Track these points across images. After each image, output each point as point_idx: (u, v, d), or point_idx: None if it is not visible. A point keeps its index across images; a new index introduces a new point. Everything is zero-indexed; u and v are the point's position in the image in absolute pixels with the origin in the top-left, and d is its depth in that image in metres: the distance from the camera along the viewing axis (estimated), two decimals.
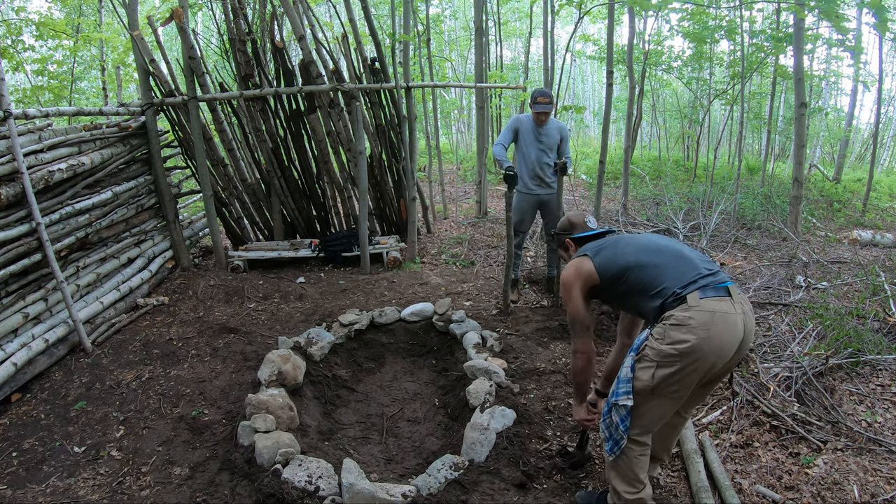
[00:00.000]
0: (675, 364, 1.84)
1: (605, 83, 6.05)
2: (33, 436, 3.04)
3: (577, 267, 2.16)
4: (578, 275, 2.14)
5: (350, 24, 5.48)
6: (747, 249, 6.00)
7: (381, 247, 5.69)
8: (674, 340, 1.83)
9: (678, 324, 1.84)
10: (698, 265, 1.96)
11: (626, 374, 1.96)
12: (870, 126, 13.79)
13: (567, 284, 2.17)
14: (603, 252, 2.13)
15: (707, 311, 1.82)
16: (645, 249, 2.05)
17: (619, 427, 1.97)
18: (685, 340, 1.81)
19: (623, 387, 1.96)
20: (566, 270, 2.21)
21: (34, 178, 3.64)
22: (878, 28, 4.16)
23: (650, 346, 1.91)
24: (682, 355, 1.82)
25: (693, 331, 1.81)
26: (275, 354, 3.32)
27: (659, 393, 1.91)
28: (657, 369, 1.87)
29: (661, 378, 1.87)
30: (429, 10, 7.65)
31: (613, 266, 2.07)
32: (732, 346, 1.86)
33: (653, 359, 1.89)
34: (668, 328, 1.86)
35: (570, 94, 18.09)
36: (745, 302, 1.94)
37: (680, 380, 1.87)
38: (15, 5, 8.07)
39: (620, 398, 1.95)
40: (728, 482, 2.37)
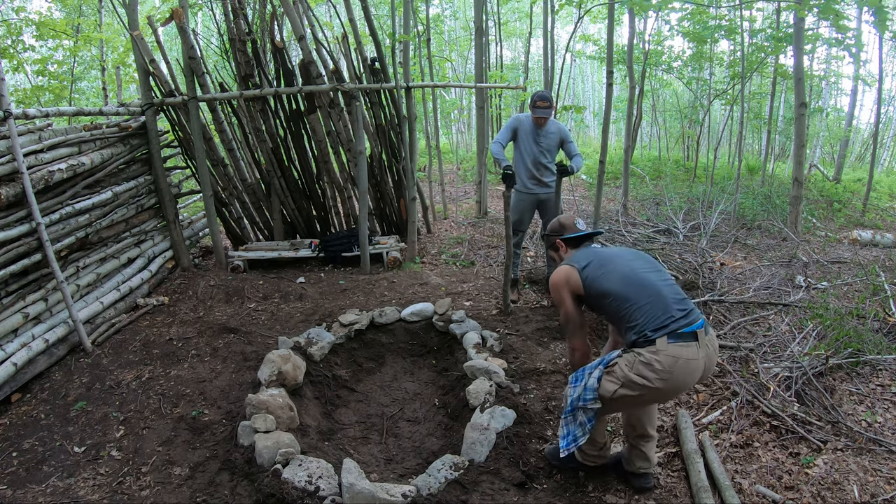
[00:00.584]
0: (636, 391, 2.11)
1: (605, 83, 6.04)
2: (33, 436, 3.04)
3: (566, 274, 2.34)
4: (567, 281, 2.33)
5: (350, 24, 5.48)
6: (747, 249, 6.00)
7: (381, 247, 5.69)
8: (640, 373, 2.09)
9: (646, 362, 2.08)
10: (671, 308, 2.13)
11: (592, 383, 2.19)
12: (870, 126, 13.79)
13: (556, 287, 2.36)
14: (590, 267, 2.31)
15: (672, 356, 2.05)
16: (628, 281, 2.21)
17: (584, 425, 2.23)
18: (648, 378, 2.08)
19: (591, 394, 2.19)
20: (557, 274, 2.38)
21: (34, 178, 3.64)
22: (878, 26, 4.16)
23: (620, 367, 2.15)
24: (644, 387, 2.09)
25: (657, 372, 2.06)
26: (275, 354, 3.32)
27: (617, 404, 2.20)
28: (620, 388, 2.13)
29: (621, 396, 2.15)
30: (429, 10, 7.65)
31: (597, 286, 2.26)
32: (689, 384, 2.17)
33: (619, 379, 2.14)
34: (636, 362, 2.10)
35: (570, 94, 18.09)
36: (710, 343, 2.17)
37: (635, 402, 2.22)
38: (15, 5, 8.06)
39: (589, 403, 2.19)
40: (728, 482, 2.37)
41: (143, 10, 9.85)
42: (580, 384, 2.24)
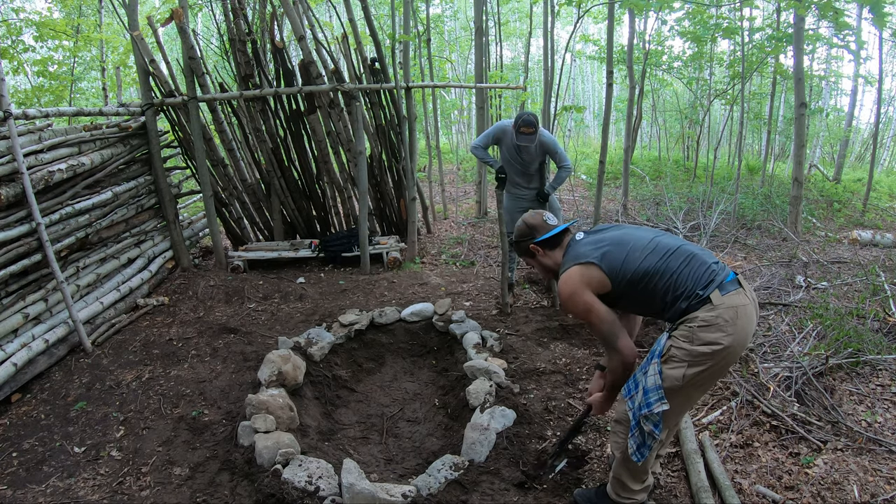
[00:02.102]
0: (707, 362, 1.87)
1: (605, 83, 6.04)
2: (33, 436, 3.04)
3: (582, 276, 2.00)
4: (587, 282, 2.00)
5: (350, 24, 5.48)
6: (747, 249, 6.00)
7: (381, 247, 5.69)
8: (705, 341, 1.85)
9: (707, 324, 1.86)
10: (708, 261, 1.95)
11: (654, 382, 1.93)
12: (870, 126, 13.79)
13: (573, 295, 2.01)
14: (610, 256, 2.00)
15: (731, 307, 1.86)
16: (658, 252, 1.98)
17: (653, 434, 1.95)
18: (717, 341, 1.85)
19: (654, 395, 1.92)
20: (568, 282, 2.02)
21: (34, 179, 3.64)
22: (876, 23, 4.15)
23: (678, 347, 1.91)
24: (715, 354, 1.85)
25: (723, 329, 1.84)
26: (275, 355, 3.32)
27: (687, 389, 1.93)
28: (688, 368, 1.89)
29: (692, 375, 1.89)
30: (429, 10, 7.65)
31: (630, 271, 1.97)
32: (751, 333, 1.92)
33: (683, 359, 1.89)
34: (695, 330, 1.87)
35: (570, 94, 18.10)
36: (750, 288, 1.98)
37: (710, 375, 1.92)
38: (15, 6, 8.07)
39: (654, 406, 1.91)
40: (728, 482, 2.37)
41: (144, 10, 9.85)
42: (638, 389, 1.99)
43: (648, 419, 1.94)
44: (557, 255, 2.18)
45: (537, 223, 2.21)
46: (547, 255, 2.21)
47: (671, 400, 1.92)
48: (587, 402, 2.40)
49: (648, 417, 1.94)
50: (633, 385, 2.03)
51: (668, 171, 10.57)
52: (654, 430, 1.94)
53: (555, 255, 2.19)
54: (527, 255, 2.27)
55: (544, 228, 2.20)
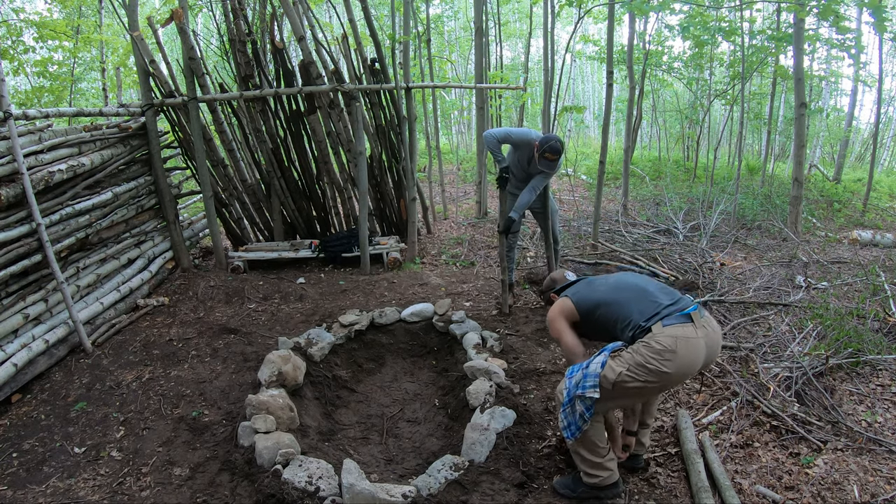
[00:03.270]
0: (643, 376, 2.11)
1: (606, 83, 6.05)
2: (34, 436, 3.04)
3: (560, 306, 2.46)
4: (561, 311, 2.44)
5: (350, 24, 5.49)
6: (747, 249, 6.00)
7: (381, 247, 5.69)
8: (646, 358, 2.11)
9: (647, 346, 2.12)
10: (658, 298, 2.24)
11: (594, 370, 2.19)
12: (870, 126, 13.79)
13: (552, 320, 2.47)
14: (579, 291, 2.47)
15: (671, 336, 2.09)
16: (614, 288, 2.37)
17: (584, 416, 2.20)
18: (655, 362, 2.09)
19: (591, 380, 2.18)
20: (551, 311, 2.50)
21: (34, 179, 3.64)
22: (877, 27, 4.15)
23: (628, 351, 2.18)
24: (651, 372, 2.10)
25: (661, 354, 2.08)
26: (275, 355, 3.32)
27: (619, 392, 2.16)
28: (627, 371, 2.14)
29: (626, 381, 2.13)
30: (429, 10, 7.65)
31: (588, 302, 2.38)
32: (696, 365, 2.14)
33: (626, 362, 2.15)
34: (640, 347, 2.14)
35: (570, 95, 18.10)
36: (708, 323, 2.21)
37: (640, 391, 2.17)
38: (15, 6, 8.07)
39: (587, 391, 2.17)
40: (728, 482, 2.37)
41: (144, 10, 9.86)
42: (578, 371, 2.25)
43: (582, 400, 2.20)
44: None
45: (559, 278, 2.78)
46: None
47: (608, 396, 2.18)
48: None
49: (582, 399, 2.20)
50: (576, 368, 2.29)
51: (668, 171, 10.57)
52: (585, 413, 2.19)
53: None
54: (549, 304, 2.72)
55: (563, 282, 2.73)
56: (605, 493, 2.36)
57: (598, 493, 2.35)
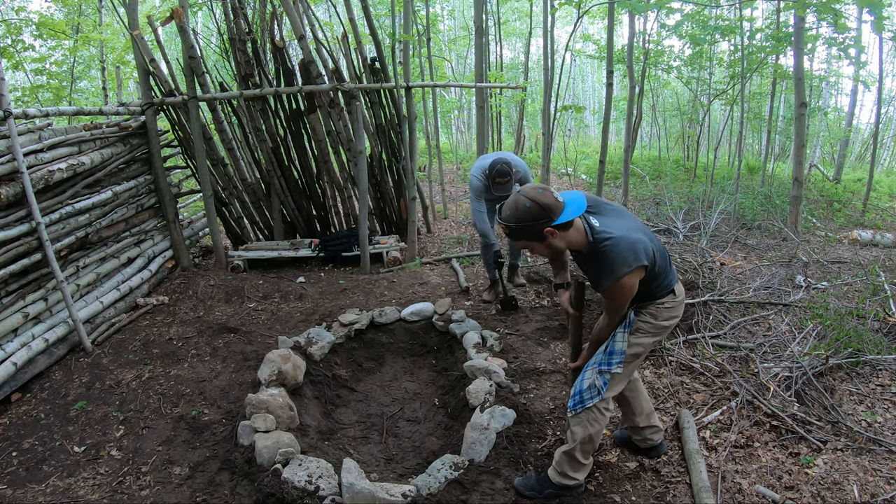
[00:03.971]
0: (661, 334, 2.27)
1: (605, 83, 6.05)
2: (33, 435, 3.04)
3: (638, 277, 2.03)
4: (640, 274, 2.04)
5: (350, 23, 5.48)
6: (747, 249, 6.00)
7: (381, 246, 5.68)
8: (667, 317, 2.23)
9: (670, 307, 2.23)
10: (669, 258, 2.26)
11: (621, 347, 2.22)
12: (870, 126, 13.79)
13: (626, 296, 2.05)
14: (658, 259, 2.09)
15: (681, 293, 2.28)
16: (662, 252, 2.19)
17: (600, 390, 2.22)
18: (674, 316, 2.26)
19: (617, 358, 2.22)
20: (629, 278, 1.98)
21: (34, 178, 3.64)
22: (875, 27, 4.15)
23: (645, 321, 2.22)
24: (668, 328, 2.27)
25: (677, 309, 2.26)
26: (275, 354, 3.32)
27: (639, 359, 2.27)
28: (651, 338, 2.23)
29: (650, 345, 2.25)
30: (429, 10, 7.65)
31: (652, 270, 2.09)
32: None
33: (649, 332, 2.22)
34: (661, 309, 2.22)
35: (569, 94, 18.09)
36: None
37: (656, 343, 2.33)
38: (15, 5, 8.07)
39: (613, 367, 2.21)
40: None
41: (143, 9, 9.84)
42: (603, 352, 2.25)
43: (602, 375, 2.22)
44: (572, 235, 2.04)
45: (551, 202, 1.97)
46: (560, 238, 2.03)
47: (630, 367, 2.25)
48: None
49: (602, 373, 2.22)
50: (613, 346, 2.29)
51: (668, 170, 10.57)
52: (602, 386, 2.22)
53: (569, 235, 2.03)
54: (535, 238, 2.04)
55: (560, 209, 1.98)
56: (570, 493, 2.36)
57: (564, 493, 2.35)
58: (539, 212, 1.97)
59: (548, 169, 7.16)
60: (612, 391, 2.24)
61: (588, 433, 2.24)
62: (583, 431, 2.24)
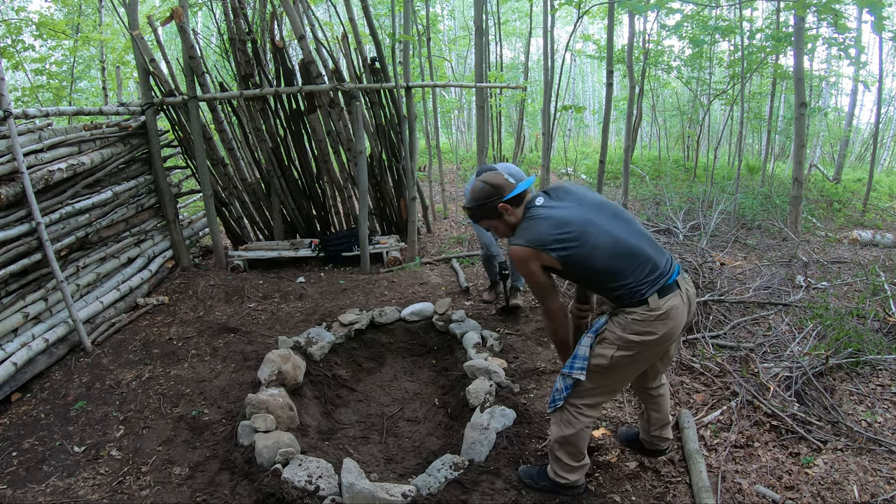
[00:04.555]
0: (634, 349, 2.06)
1: (605, 83, 6.04)
2: (33, 435, 3.04)
3: (537, 256, 2.05)
4: (537, 257, 2.06)
5: (350, 23, 5.48)
6: (747, 249, 6.00)
7: (381, 246, 5.68)
8: (636, 332, 2.03)
9: (641, 320, 2.02)
10: (659, 264, 2.06)
11: (584, 353, 2.13)
12: (870, 126, 13.79)
13: (524, 262, 2.08)
14: (567, 247, 2.02)
15: (666, 309, 2.02)
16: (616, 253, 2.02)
17: (562, 392, 2.19)
18: (648, 333, 2.03)
19: (579, 363, 2.14)
20: (520, 249, 2.07)
21: (34, 178, 3.64)
22: (875, 27, 4.14)
23: (611, 331, 2.09)
24: (643, 343, 2.04)
25: (654, 326, 2.02)
26: (275, 354, 3.32)
27: (617, 369, 2.11)
28: (617, 351, 2.07)
29: (619, 358, 2.07)
30: (429, 10, 7.65)
31: (582, 267, 2.05)
32: (682, 326, 2.11)
33: (614, 342, 2.07)
34: (630, 322, 2.04)
35: (570, 94, 18.09)
36: (688, 284, 2.15)
37: (633, 362, 2.11)
38: (15, 5, 8.07)
39: (574, 371, 2.14)
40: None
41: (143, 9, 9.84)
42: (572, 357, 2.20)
43: (565, 378, 2.18)
44: (520, 211, 2.19)
45: (501, 182, 2.17)
46: (513, 213, 2.19)
47: (600, 378, 2.14)
48: None
49: (565, 377, 2.17)
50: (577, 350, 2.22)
51: (668, 170, 10.57)
52: (564, 391, 2.18)
53: (518, 212, 2.19)
54: (492, 216, 2.20)
55: (509, 187, 2.17)
56: (567, 492, 2.36)
57: (560, 490, 2.36)
58: (490, 190, 2.18)
59: (548, 169, 7.16)
60: (581, 399, 2.17)
61: (562, 434, 2.22)
62: (557, 431, 2.25)
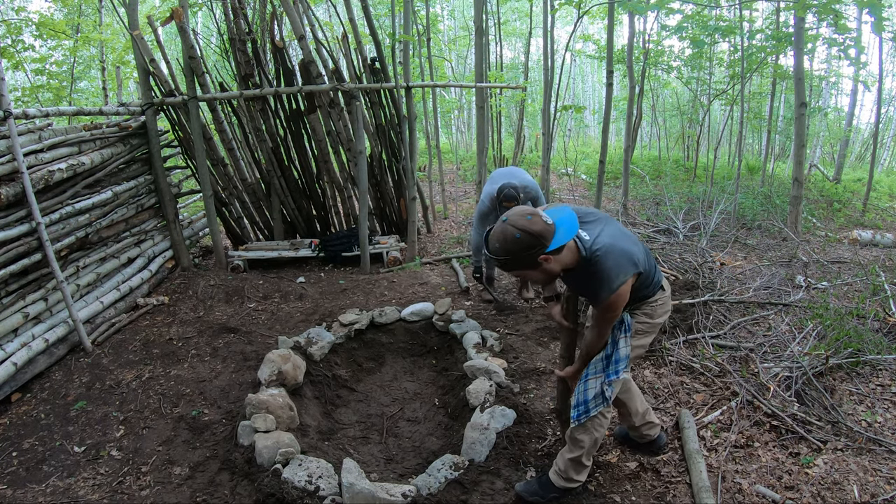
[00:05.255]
0: (657, 330, 2.39)
1: (605, 83, 6.05)
2: (33, 435, 3.04)
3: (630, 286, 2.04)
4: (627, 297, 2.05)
5: (350, 23, 5.48)
6: (747, 249, 6.00)
7: (381, 246, 5.69)
8: (661, 314, 2.33)
9: (662, 303, 2.31)
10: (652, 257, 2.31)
11: (625, 353, 2.21)
12: (870, 126, 13.79)
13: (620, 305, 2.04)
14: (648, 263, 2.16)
15: (668, 287, 2.36)
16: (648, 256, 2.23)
17: (607, 399, 2.20)
18: (666, 311, 2.36)
19: (623, 364, 2.20)
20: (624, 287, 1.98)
21: (34, 178, 3.64)
22: (875, 27, 4.14)
23: (643, 321, 2.29)
24: (661, 324, 2.37)
25: (668, 304, 2.36)
26: (275, 354, 3.32)
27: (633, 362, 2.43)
28: (651, 336, 2.35)
29: (651, 342, 2.37)
30: (429, 10, 7.64)
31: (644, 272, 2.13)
32: None
33: (647, 330, 2.32)
34: (655, 307, 2.29)
35: (570, 94, 18.10)
36: None
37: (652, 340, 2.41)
38: (15, 5, 8.07)
39: (620, 375, 2.20)
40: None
41: (143, 9, 9.85)
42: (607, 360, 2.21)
43: (611, 385, 2.20)
44: (566, 256, 1.96)
45: (541, 229, 1.85)
46: (555, 261, 1.93)
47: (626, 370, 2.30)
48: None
49: (612, 384, 2.20)
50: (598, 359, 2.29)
51: (668, 170, 10.57)
52: (610, 397, 2.20)
53: (563, 257, 1.95)
54: (529, 267, 1.93)
55: (551, 233, 1.87)
56: (571, 493, 2.40)
57: (566, 495, 2.39)
58: (530, 240, 1.85)
59: (548, 169, 7.16)
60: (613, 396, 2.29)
61: (594, 438, 2.28)
62: (589, 438, 2.26)
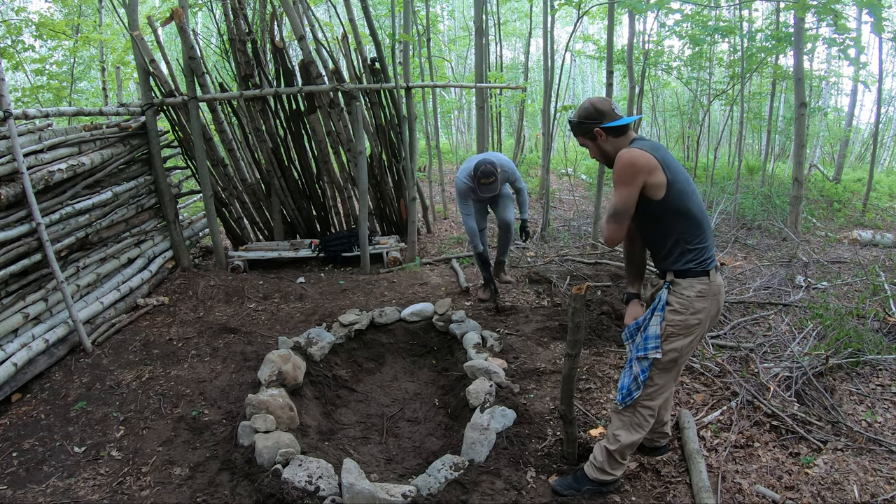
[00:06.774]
0: (694, 332, 2.13)
1: (605, 83, 6.05)
2: (33, 436, 3.04)
3: (648, 162, 2.00)
4: (649, 170, 2.00)
5: (350, 24, 5.49)
6: (747, 249, 6.00)
7: (381, 247, 5.69)
8: (698, 310, 2.10)
9: (702, 296, 2.10)
10: (713, 244, 2.16)
11: (655, 332, 2.14)
12: (870, 126, 13.80)
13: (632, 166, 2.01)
14: (672, 172, 2.02)
15: (719, 283, 2.15)
16: (702, 208, 2.11)
17: (639, 377, 2.18)
18: (704, 311, 2.11)
19: (652, 342, 2.14)
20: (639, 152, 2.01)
21: (34, 179, 3.64)
22: (875, 28, 4.15)
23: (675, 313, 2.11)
24: (700, 324, 2.12)
25: (710, 302, 2.12)
26: (275, 354, 3.32)
27: (678, 364, 2.18)
28: (683, 339, 2.13)
29: (684, 347, 2.14)
30: (429, 10, 7.65)
31: (681, 200, 2.04)
32: (718, 313, 2.21)
33: (679, 333, 2.12)
34: (693, 299, 2.09)
35: (570, 94, 18.10)
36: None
37: (691, 349, 2.18)
38: (15, 5, 8.08)
39: (650, 352, 2.14)
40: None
41: (143, 10, 9.86)
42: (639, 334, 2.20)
43: (641, 361, 2.17)
44: (622, 142, 2.14)
45: (606, 109, 2.14)
46: (609, 142, 2.16)
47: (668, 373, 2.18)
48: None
49: (641, 360, 2.17)
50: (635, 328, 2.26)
51: None
52: (641, 375, 2.17)
53: (618, 142, 2.15)
54: (586, 136, 2.19)
55: (613, 116, 2.13)
56: (608, 488, 2.40)
57: (602, 489, 2.39)
58: (593, 112, 2.15)
59: (548, 169, 7.16)
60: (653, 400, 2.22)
61: (632, 439, 2.26)
62: (628, 436, 2.26)
